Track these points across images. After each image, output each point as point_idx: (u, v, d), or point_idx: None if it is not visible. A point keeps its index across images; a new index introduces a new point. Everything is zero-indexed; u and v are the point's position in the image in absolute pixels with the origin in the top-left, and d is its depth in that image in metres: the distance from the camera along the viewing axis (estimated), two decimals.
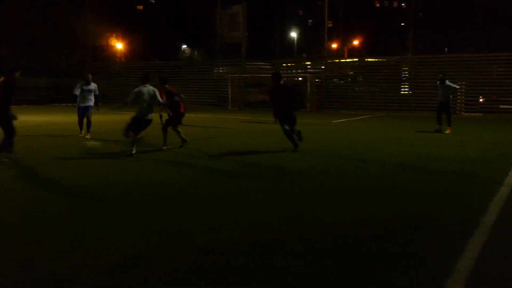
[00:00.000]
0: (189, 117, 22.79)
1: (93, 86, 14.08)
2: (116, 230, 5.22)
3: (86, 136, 13.64)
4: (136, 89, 10.62)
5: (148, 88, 10.63)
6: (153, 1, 76.58)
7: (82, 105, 13.81)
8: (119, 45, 57.70)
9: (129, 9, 67.77)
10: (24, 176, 8.35)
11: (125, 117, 12.66)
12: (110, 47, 58.13)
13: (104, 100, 16.85)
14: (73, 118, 14.31)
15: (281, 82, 11.52)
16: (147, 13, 72.04)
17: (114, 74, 38.80)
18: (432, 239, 5.06)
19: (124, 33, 58.61)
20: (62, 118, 20.72)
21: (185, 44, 66.74)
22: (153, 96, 10.55)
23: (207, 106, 31.79)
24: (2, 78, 8.99)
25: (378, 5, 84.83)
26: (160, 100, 10.86)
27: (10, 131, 9.06)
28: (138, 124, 10.51)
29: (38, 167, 9.07)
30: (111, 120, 18.73)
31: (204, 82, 34.82)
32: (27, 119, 18.17)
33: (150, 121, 10.68)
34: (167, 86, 11.73)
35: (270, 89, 11.60)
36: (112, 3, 57.08)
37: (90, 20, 41.47)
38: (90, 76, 14.18)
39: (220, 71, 35.95)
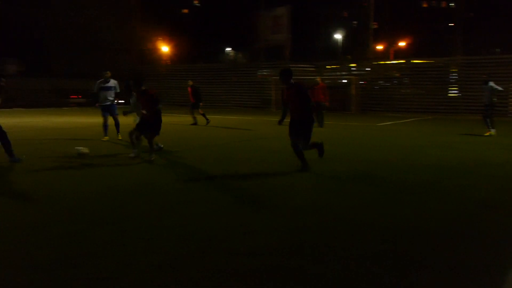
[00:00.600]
0: (230, 120, 23.00)
1: (112, 83, 13.85)
2: (158, 230, 5.23)
3: (119, 138, 13.41)
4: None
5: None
6: (198, 4, 77.45)
7: (103, 104, 13.56)
8: (165, 48, 58.66)
9: (175, 13, 68.83)
10: (70, 176, 8.48)
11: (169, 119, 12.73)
12: (156, 51, 59.18)
13: None
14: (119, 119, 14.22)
15: (292, 81, 8.98)
16: (192, 17, 72.99)
17: (160, 77, 39.43)
18: (485, 249, 4.82)
19: (170, 37, 59.59)
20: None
21: (229, 47, 67.24)
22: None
23: (250, 109, 31.85)
24: None
25: (425, 5, 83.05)
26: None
27: None
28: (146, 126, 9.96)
29: (80, 168, 9.23)
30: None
31: (247, 85, 34.89)
32: (72, 120, 18.64)
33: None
34: (143, 88, 10.20)
35: (284, 91, 10.07)
36: (158, 8, 58.13)
37: (137, 25, 42.33)
38: (108, 73, 13.89)
39: (264, 73, 35.96)
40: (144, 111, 9.96)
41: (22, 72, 44.14)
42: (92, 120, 19.83)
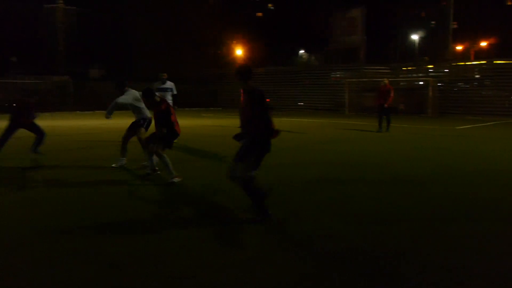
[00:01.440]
0: (300, 122, 22.98)
1: (169, 84, 13.99)
2: (234, 231, 5.33)
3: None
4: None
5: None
6: (272, 7, 77.94)
7: None
8: (239, 52, 59.51)
9: (249, 17, 69.66)
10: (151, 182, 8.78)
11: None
12: (230, 54, 60.15)
13: (229, 105, 17.37)
14: (190, 121, 14.52)
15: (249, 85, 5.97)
16: (266, 20, 73.53)
17: (233, 80, 40.05)
18: None
19: (244, 40, 60.40)
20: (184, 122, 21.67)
21: (303, 49, 67.18)
22: None
23: (323, 111, 31.66)
24: None
25: (510, 3, 78.93)
26: None
27: None
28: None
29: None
30: (205, 124, 19.19)
31: (320, 87, 34.73)
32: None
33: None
34: (157, 99, 8.23)
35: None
36: (233, 11, 59.05)
37: (213, 29, 43.29)
38: (165, 75, 14.08)
39: (337, 75, 35.65)
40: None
41: (105, 76, 46.32)
42: None
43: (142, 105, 9.13)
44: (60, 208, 6.28)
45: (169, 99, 13.56)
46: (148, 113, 9.38)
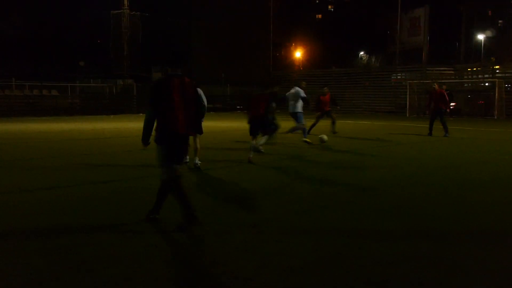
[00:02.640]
0: (363, 124, 22.67)
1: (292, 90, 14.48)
2: (294, 234, 5.33)
3: (307, 140, 13.60)
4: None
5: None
6: (332, 9, 77.41)
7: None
8: (297, 54, 59.45)
9: (308, 18, 69.44)
10: (210, 177, 8.98)
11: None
12: (289, 56, 60.20)
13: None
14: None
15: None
16: (326, 22, 73.07)
17: (292, 82, 40.10)
18: None
19: (303, 42, 60.26)
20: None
21: (363, 51, 66.24)
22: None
23: (384, 114, 31.14)
24: None
25: None
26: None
27: None
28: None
29: (219, 170, 9.73)
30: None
31: (381, 89, 34.18)
32: (212, 124, 19.64)
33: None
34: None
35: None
36: (292, 14, 59.06)
37: (272, 31, 43.45)
38: (303, 83, 14.93)
39: (398, 77, 34.96)
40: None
41: None
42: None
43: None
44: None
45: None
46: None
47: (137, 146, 13.35)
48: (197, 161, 9.39)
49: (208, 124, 14.67)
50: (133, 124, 22.43)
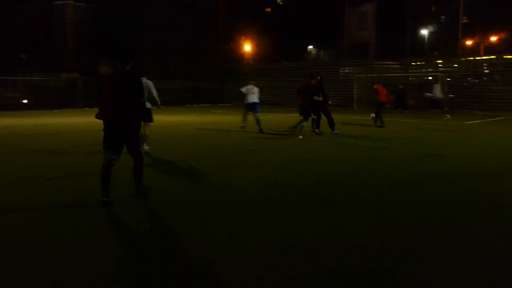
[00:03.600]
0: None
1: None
2: (245, 228, 5.28)
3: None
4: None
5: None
6: (281, 3, 77.77)
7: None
8: (247, 48, 59.42)
9: (258, 12, 69.45)
10: (168, 171, 8.81)
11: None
12: (239, 50, 60.11)
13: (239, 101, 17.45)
14: (205, 117, 14.73)
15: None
16: (275, 15, 73.34)
17: (243, 76, 40.08)
18: None
19: (253, 36, 60.27)
20: (204, 118, 21.64)
21: (312, 45, 66.93)
22: None
23: (333, 107, 31.53)
24: None
25: None
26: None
27: None
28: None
29: (181, 163, 9.59)
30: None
31: (330, 83, 34.59)
32: (163, 119, 19.32)
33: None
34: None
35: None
36: (242, 7, 58.92)
37: (221, 25, 43.21)
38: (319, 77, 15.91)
39: (346, 71, 35.50)
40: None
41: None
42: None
43: None
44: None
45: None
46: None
47: (84, 142, 13.07)
48: (146, 147, 10.02)
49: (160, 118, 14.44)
50: (79, 119, 21.82)
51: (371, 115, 18.35)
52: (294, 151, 11.39)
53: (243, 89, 15.43)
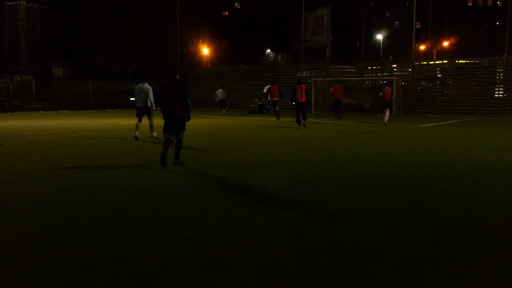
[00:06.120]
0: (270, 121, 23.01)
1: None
2: (204, 231, 5.27)
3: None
4: None
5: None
6: (239, 6, 77.93)
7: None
8: (205, 51, 59.27)
9: (215, 15, 69.41)
10: (116, 176, 8.68)
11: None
12: (197, 53, 59.86)
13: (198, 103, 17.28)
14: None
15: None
16: (233, 19, 73.47)
17: (201, 79, 39.94)
18: None
19: (210, 39, 60.16)
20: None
21: (270, 49, 67.37)
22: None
23: (291, 110, 31.79)
24: None
25: (470, 3, 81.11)
26: None
27: None
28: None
29: (129, 169, 9.44)
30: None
31: (288, 86, 34.85)
32: (117, 122, 19.01)
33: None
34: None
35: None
36: (199, 10, 58.75)
37: (179, 27, 42.94)
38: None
39: (304, 75, 35.86)
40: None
41: (68, 75, 45.41)
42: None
43: None
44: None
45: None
46: None
47: (38, 145, 12.72)
48: (154, 133, 14.45)
49: (114, 122, 14.26)
50: (32, 122, 21.20)
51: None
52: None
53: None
